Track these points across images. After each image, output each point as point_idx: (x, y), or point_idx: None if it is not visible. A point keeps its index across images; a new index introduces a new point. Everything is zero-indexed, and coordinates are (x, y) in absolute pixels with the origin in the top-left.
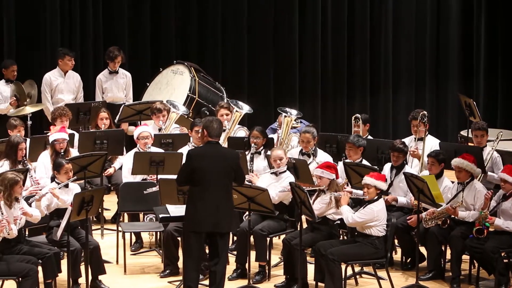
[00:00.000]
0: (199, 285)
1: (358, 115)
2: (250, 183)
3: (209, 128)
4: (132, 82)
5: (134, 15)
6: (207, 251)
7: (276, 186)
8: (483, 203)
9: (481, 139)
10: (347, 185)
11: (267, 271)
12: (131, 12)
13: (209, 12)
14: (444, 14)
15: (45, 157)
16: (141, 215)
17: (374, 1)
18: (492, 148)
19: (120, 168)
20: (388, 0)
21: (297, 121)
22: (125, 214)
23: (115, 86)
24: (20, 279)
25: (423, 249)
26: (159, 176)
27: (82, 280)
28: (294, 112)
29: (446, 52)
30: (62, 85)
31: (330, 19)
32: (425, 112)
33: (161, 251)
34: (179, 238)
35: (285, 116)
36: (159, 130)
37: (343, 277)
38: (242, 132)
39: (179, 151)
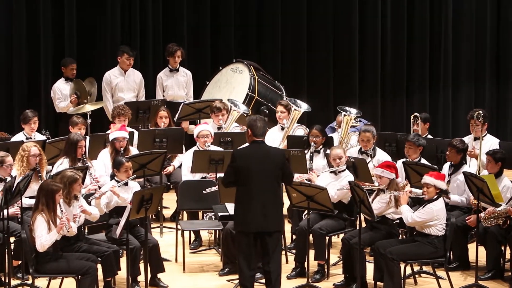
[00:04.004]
0: (258, 284)
1: (417, 114)
2: (309, 182)
3: (253, 127)
4: (192, 80)
5: (193, 14)
6: None
7: (335, 185)
8: None
9: None
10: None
11: (326, 270)
12: (190, 11)
13: (269, 11)
14: (504, 12)
15: (105, 155)
16: (200, 214)
17: None
18: None
19: (180, 167)
20: None
21: (356, 120)
22: (184, 212)
23: (176, 84)
24: (79, 276)
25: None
26: (219, 175)
27: (141, 278)
28: (353, 111)
29: (507, 51)
30: (122, 84)
31: (389, 18)
32: (481, 112)
33: (220, 250)
34: None
35: (344, 115)
36: (218, 128)
37: (402, 276)
38: (300, 131)
39: None
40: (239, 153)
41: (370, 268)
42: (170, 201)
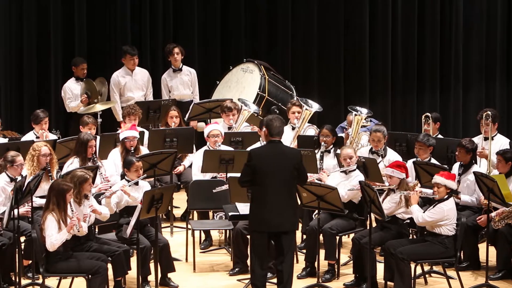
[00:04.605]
0: (268, 284)
1: (428, 113)
2: (319, 182)
3: (269, 126)
4: (202, 80)
5: (203, 14)
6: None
7: (346, 184)
8: None
9: None
10: (418, 185)
11: (336, 270)
12: (200, 11)
13: (279, 11)
14: None
15: (115, 154)
16: (210, 213)
17: None
18: None
19: (190, 166)
20: None
21: (367, 119)
22: (195, 212)
23: (180, 83)
24: (89, 276)
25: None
26: (229, 174)
27: (151, 278)
28: (364, 110)
29: None
30: (130, 83)
31: (400, 17)
32: (490, 112)
33: (230, 249)
34: (248, 236)
35: (355, 115)
36: (229, 128)
37: (412, 276)
38: (311, 131)
39: (249, 149)
40: (256, 152)
41: (380, 268)
42: (180, 200)
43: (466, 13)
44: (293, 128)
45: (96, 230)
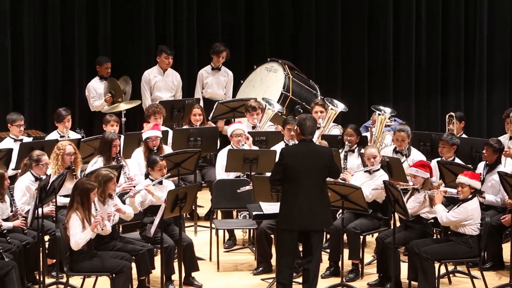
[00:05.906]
0: (292, 283)
1: (452, 113)
2: (343, 181)
3: (302, 126)
4: None
5: (228, 13)
6: (300, 248)
7: (370, 184)
8: None
9: None
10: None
11: (360, 269)
12: (225, 11)
13: (303, 10)
14: None
15: (139, 154)
16: (234, 212)
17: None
18: None
19: (214, 165)
20: None
21: (390, 119)
22: (219, 211)
23: (216, 83)
24: (113, 275)
25: None
26: (252, 173)
27: (175, 277)
28: (388, 110)
29: None
30: (160, 83)
31: (424, 18)
32: None
33: (254, 249)
34: (272, 236)
35: (379, 114)
36: (253, 127)
37: (436, 275)
38: (336, 130)
39: (273, 148)
40: (288, 151)
41: (404, 268)
42: (204, 200)
43: (490, 12)
44: (317, 128)
45: (120, 229)
